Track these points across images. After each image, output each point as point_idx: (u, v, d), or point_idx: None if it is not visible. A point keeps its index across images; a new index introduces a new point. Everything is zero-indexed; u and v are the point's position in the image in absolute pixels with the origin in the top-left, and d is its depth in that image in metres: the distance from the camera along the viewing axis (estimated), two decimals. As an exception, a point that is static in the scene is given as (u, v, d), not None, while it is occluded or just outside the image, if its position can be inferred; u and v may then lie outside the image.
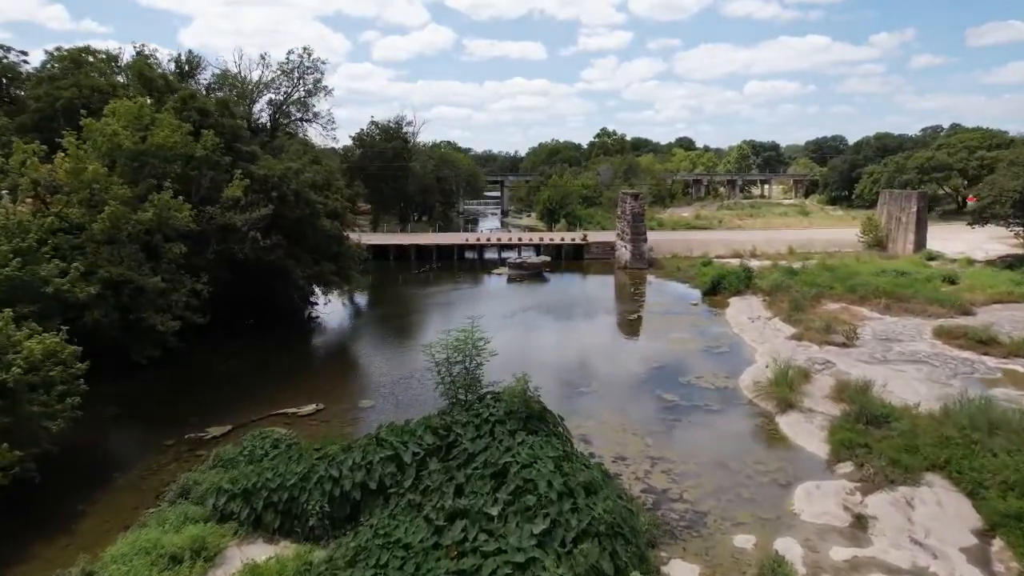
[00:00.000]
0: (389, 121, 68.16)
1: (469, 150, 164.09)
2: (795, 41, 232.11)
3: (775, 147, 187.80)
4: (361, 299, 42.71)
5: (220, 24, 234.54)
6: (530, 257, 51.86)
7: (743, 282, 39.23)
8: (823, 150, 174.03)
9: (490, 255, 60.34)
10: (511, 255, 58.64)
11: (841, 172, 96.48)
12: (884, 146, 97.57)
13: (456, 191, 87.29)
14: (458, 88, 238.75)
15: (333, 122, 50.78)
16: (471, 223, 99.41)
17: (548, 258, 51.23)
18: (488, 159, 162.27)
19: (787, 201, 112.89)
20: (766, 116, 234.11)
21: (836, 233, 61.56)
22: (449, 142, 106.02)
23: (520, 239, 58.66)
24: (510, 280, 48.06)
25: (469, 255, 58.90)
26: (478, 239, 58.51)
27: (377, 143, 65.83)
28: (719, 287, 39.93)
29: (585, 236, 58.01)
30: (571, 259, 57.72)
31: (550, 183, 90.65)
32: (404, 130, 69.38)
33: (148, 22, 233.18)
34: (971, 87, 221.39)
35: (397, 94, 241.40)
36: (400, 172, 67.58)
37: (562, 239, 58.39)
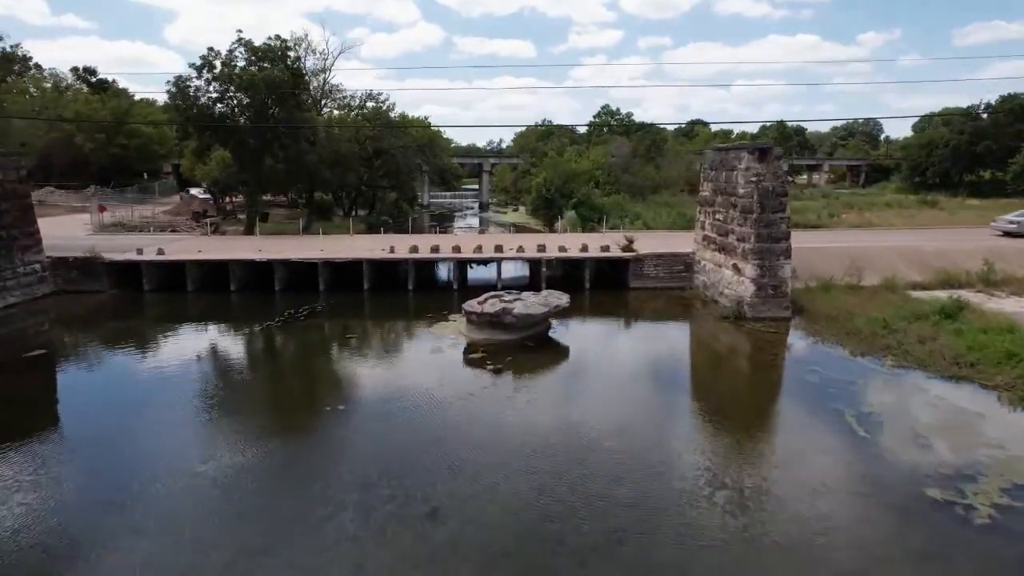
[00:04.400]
0: (271, 39, 38.65)
1: (451, 141, 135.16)
2: (785, 40, 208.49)
3: (800, 131, 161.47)
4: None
5: (206, 21, 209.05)
6: (520, 303, 21.83)
7: None
8: (854, 136, 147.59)
9: (449, 271, 31.33)
10: (486, 273, 29.73)
11: (956, 147, 68.23)
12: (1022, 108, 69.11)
13: (410, 173, 57.85)
14: (446, 86, 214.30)
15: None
16: (440, 221, 70.57)
17: (565, 299, 21.51)
18: (471, 151, 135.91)
19: (862, 191, 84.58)
20: (752, 114, 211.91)
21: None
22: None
23: (499, 247, 29.51)
24: (470, 355, 18.81)
25: (413, 278, 29.64)
26: (414, 248, 29.10)
27: (241, 78, 36.11)
28: None
29: (631, 243, 28.89)
30: (600, 287, 28.69)
31: (546, 162, 62.18)
32: (299, 57, 39.96)
33: (132, 18, 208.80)
34: (954, 87, 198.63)
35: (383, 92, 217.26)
36: (289, 130, 38.01)
37: (584, 248, 29.23)
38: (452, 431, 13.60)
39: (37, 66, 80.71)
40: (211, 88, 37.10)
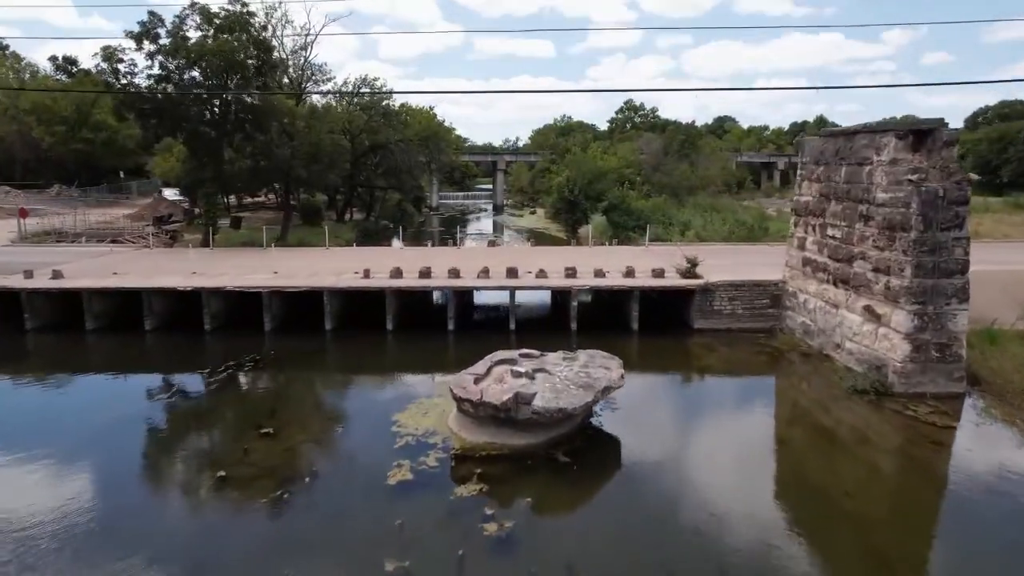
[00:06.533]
0: (231, 2, 31.02)
1: (466, 140, 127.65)
2: (807, 39, 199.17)
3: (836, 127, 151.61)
4: None
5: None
6: (544, 378, 13.98)
7: None
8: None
9: (444, 301, 23.60)
10: (495, 296, 22.14)
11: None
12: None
13: (411, 171, 50.25)
14: (464, 85, 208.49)
15: None
16: (449, 227, 63.28)
17: (616, 371, 13.32)
18: (486, 149, 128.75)
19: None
20: (771, 114, 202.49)
21: None
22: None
23: (512, 270, 21.62)
24: (458, 487, 10.87)
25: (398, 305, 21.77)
26: (396, 272, 21.36)
27: (189, 48, 28.55)
28: None
29: (694, 266, 20.92)
30: (652, 326, 20.72)
31: (568, 159, 54.41)
32: (266, 26, 32.46)
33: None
34: (981, 85, 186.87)
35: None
36: (255, 117, 30.51)
37: (628, 272, 21.32)
38: None
39: (15, 55, 74.61)
40: (154, 63, 29.67)
